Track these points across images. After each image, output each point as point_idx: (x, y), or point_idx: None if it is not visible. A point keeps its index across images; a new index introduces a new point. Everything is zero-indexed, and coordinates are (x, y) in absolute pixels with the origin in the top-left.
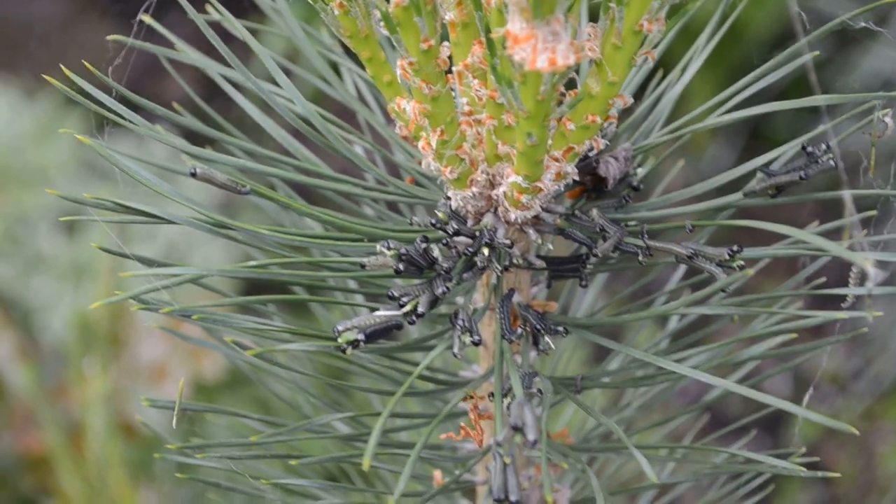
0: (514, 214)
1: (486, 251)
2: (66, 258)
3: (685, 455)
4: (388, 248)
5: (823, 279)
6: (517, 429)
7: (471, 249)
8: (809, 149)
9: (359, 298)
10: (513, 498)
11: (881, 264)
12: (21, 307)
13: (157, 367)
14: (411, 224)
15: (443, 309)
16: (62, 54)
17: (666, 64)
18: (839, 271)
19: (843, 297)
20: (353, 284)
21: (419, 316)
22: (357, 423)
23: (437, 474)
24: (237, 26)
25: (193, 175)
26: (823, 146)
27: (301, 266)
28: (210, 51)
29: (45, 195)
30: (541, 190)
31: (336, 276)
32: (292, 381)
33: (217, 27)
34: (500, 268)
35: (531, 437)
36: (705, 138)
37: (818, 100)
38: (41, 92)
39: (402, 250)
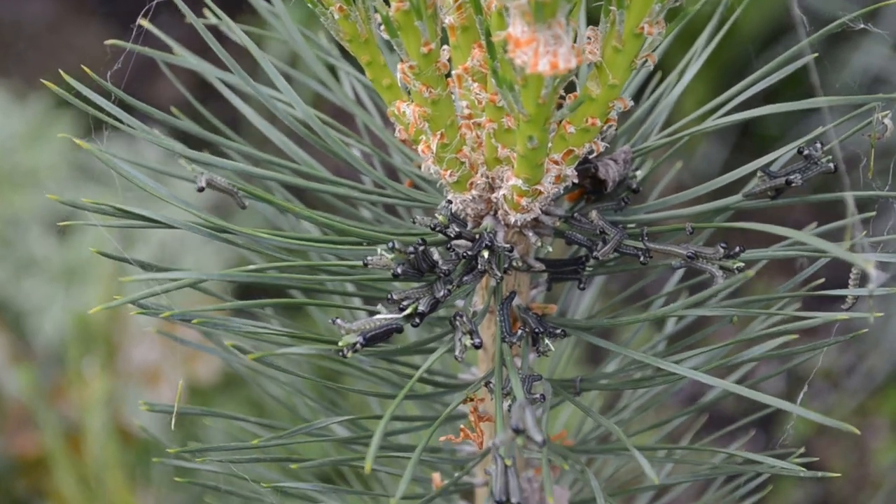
0: (513, 217)
1: (486, 254)
2: (57, 260)
3: (683, 456)
4: (392, 250)
5: (822, 280)
6: (518, 431)
7: (471, 252)
8: (806, 151)
9: (357, 302)
10: (514, 499)
11: (882, 265)
12: (13, 310)
13: (151, 370)
14: (414, 223)
15: (441, 312)
16: (52, 56)
17: (662, 66)
18: (836, 271)
19: (839, 297)
20: (351, 288)
21: (421, 318)
22: (355, 425)
23: (436, 477)
24: (237, 31)
25: (201, 190)
26: (821, 147)
27: (299, 269)
28: (201, 53)
29: (37, 197)
30: (541, 193)
31: (334, 280)
32: (290, 384)
33: (211, 30)
34: (498, 273)
35: (538, 438)
36: (697, 136)
37: (818, 101)
38: (32, 94)
39: (408, 249)
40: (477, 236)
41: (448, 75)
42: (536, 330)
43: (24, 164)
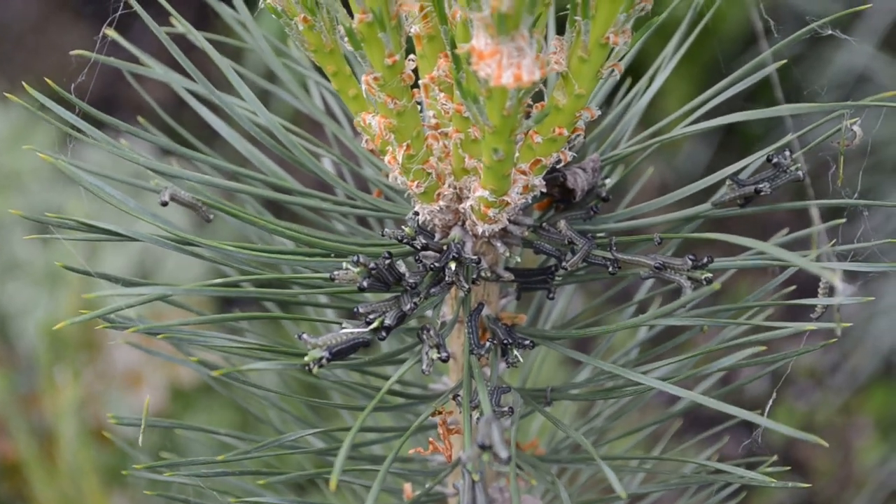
0: (481, 228)
1: (453, 265)
2: (40, 264)
3: (656, 464)
4: (357, 264)
5: (793, 287)
6: (484, 447)
7: (438, 264)
8: (775, 160)
9: (329, 313)
10: None
11: (848, 276)
12: None
13: (132, 372)
14: (382, 236)
15: (413, 322)
16: (37, 56)
17: (640, 62)
18: (810, 276)
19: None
20: (323, 300)
21: (387, 332)
22: (329, 437)
23: (408, 487)
24: (200, 40)
25: (164, 204)
26: (790, 155)
27: (269, 282)
28: (180, 62)
29: (20, 200)
30: (508, 203)
31: (305, 293)
32: (264, 398)
33: (185, 40)
34: (466, 286)
35: (503, 455)
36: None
37: (782, 110)
38: (15, 95)
39: (371, 265)
40: (444, 248)
41: (414, 85)
42: (505, 341)
43: (7, 166)
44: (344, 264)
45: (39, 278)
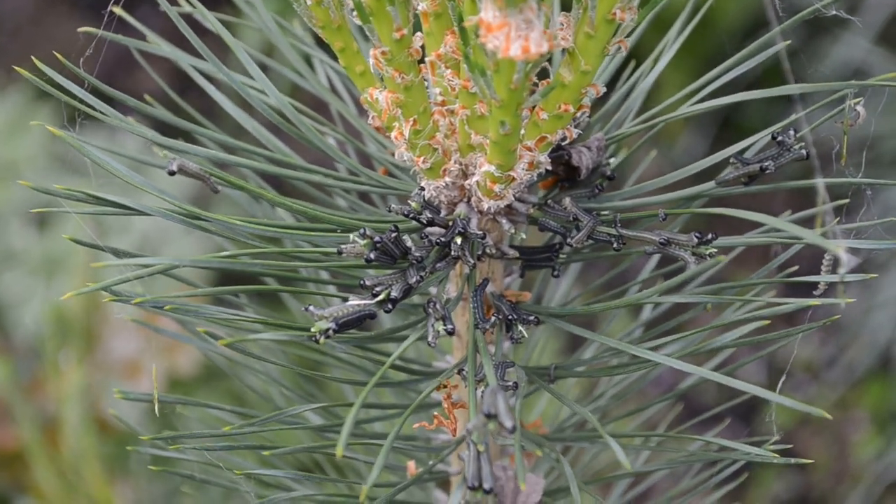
0: (487, 204)
1: (459, 240)
2: (37, 253)
3: (660, 443)
4: (363, 237)
5: (796, 267)
6: (490, 416)
7: (444, 239)
8: (780, 138)
9: (331, 289)
10: (486, 486)
11: (854, 251)
12: None
13: (130, 362)
14: (389, 211)
15: (416, 299)
16: (32, 48)
17: (638, 55)
18: (812, 259)
19: (815, 284)
20: (325, 275)
21: (393, 304)
22: (330, 413)
23: (411, 465)
24: (210, 18)
25: (172, 174)
26: (794, 134)
27: (273, 256)
28: (183, 43)
29: (16, 190)
30: (514, 179)
31: (309, 267)
32: (266, 373)
33: (191, 19)
34: (472, 260)
35: (508, 423)
36: (678, 127)
37: (792, 89)
38: (11, 86)
39: (377, 238)
40: (450, 223)
41: (421, 62)
42: (510, 317)
43: (3, 156)
44: (351, 237)
45: (36, 268)
